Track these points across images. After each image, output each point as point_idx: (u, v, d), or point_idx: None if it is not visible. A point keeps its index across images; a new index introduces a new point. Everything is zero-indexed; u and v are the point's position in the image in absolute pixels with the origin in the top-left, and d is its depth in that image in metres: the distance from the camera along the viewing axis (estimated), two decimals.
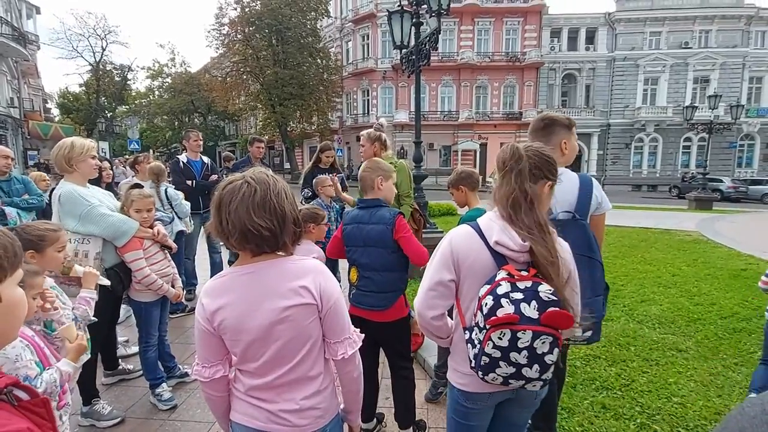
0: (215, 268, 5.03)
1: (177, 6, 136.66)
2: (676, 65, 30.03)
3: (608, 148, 31.12)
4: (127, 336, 3.83)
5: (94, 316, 2.21)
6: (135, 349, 3.37)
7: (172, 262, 3.03)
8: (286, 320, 1.18)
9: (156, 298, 2.89)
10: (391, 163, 3.50)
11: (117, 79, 40.93)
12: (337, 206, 4.16)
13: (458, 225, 2.67)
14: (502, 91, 31.18)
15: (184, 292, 3.57)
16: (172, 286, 2.96)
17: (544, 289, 1.21)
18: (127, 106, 45.03)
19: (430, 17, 5.51)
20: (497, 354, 1.21)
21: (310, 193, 4.33)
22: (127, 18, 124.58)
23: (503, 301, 1.19)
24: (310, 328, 1.23)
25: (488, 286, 1.25)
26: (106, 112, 39.84)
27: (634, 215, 11.59)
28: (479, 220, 1.40)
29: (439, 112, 30.93)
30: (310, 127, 30.35)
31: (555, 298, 1.20)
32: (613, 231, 8.45)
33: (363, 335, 1.37)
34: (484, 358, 1.23)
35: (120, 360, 3.33)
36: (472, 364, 1.29)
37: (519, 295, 1.20)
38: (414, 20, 5.59)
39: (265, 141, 5.77)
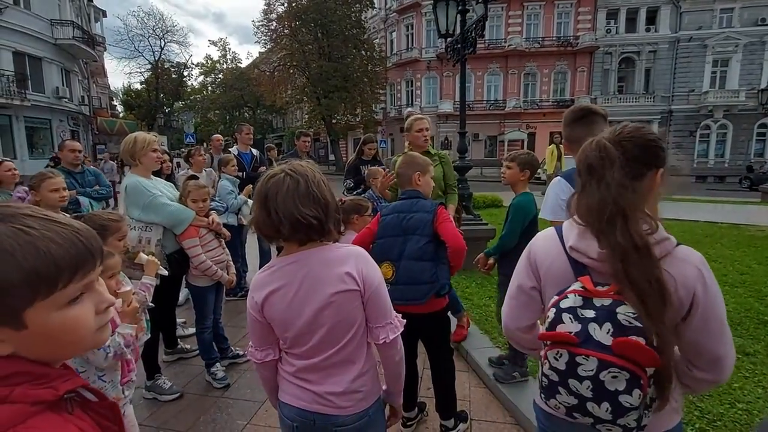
0: (264, 255, 5.24)
1: (231, 1, 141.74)
2: (751, 44, 27.26)
3: (670, 136, 29.00)
4: (184, 318, 4.09)
5: (155, 299, 2.39)
6: (192, 330, 3.60)
7: (227, 249, 3.20)
8: (331, 306, 1.23)
9: (211, 283, 3.06)
10: (436, 154, 3.51)
11: (174, 76, 43.28)
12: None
13: (510, 209, 2.66)
14: (552, 78, 29.87)
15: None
16: (227, 273, 3.12)
17: (625, 311, 0.95)
18: (183, 102, 47.53)
19: (476, 4, 5.37)
20: (555, 377, 1.01)
21: (352, 184, 4.40)
22: (183, 16, 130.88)
23: (565, 316, 1.00)
24: (354, 314, 1.28)
25: (556, 297, 1.06)
26: (165, 107, 42.32)
27: (697, 208, 10.76)
28: (565, 222, 1.19)
29: (485, 102, 30.14)
30: (354, 119, 30.62)
31: (639, 324, 0.94)
32: (673, 225, 7.91)
33: (405, 321, 1.39)
34: (543, 378, 1.06)
35: (179, 340, 3.58)
36: (539, 386, 1.10)
37: (591, 313, 0.98)
38: (460, 8, 5.47)
39: (311, 135, 5.91)
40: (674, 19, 28.31)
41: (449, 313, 2.48)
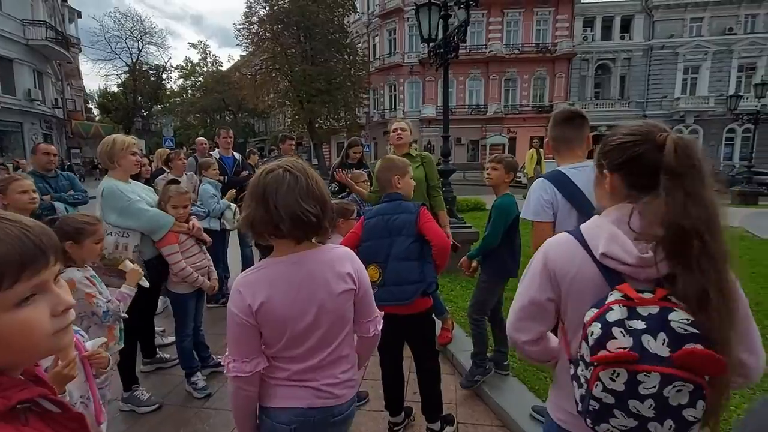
0: (246, 261, 5.16)
1: (209, 4, 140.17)
2: (719, 52, 28.42)
3: None
4: (163, 326, 3.98)
5: (133, 307, 2.31)
6: (171, 338, 3.50)
7: (208, 255, 3.13)
8: (333, 306, 1.26)
9: (192, 290, 2.98)
10: (417, 155, 3.52)
11: (152, 79, 42.45)
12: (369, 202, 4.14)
13: (492, 210, 2.68)
14: (531, 84, 30.46)
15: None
16: (208, 279, 3.05)
17: (678, 318, 0.88)
18: (162, 105, 46.62)
19: (458, 9, 5.43)
20: (610, 400, 0.90)
21: (337, 188, 4.37)
22: (160, 17, 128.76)
23: (616, 330, 0.90)
24: (349, 312, 1.33)
25: (596, 311, 0.95)
26: (143, 111, 41.47)
27: None
28: (582, 227, 1.10)
29: (466, 107, 30.52)
30: (338, 123, 30.55)
31: (695, 330, 0.86)
32: None
33: (383, 312, 1.48)
34: (592, 402, 0.93)
35: (157, 349, 3.48)
36: (579, 408, 1.00)
37: (640, 324, 0.89)
38: (442, 13, 5.52)
39: (295, 138, 5.87)
40: (647, 28, 29.29)
41: (433, 315, 2.49)
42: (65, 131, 27.33)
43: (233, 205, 4.52)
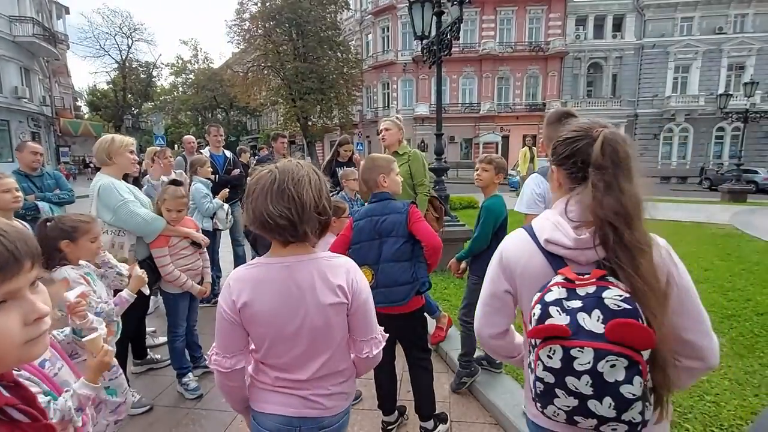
0: (239, 260, 5.13)
1: (199, 1, 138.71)
2: (709, 52, 28.70)
3: (635, 139, 30.09)
4: (154, 327, 3.93)
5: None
6: (163, 339, 3.46)
7: (206, 254, 3.10)
8: (319, 318, 1.19)
9: (184, 290, 2.95)
10: (405, 153, 3.52)
11: (142, 76, 42.00)
12: (360, 200, 4.14)
13: (482, 211, 2.68)
14: (524, 82, 30.55)
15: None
16: (202, 280, 3.02)
17: (612, 295, 0.91)
18: (153, 103, 46.15)
19: (452, 6, 5.42)
20: (551, 379, 0.93)
21: (328, 186, 4.34)
22: (150, 15, 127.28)
23: (552, 309, 0.94)
24: (340, 326, 1.25)
25: (539, 294, 1.00)
26: (133, 108, 41.02)
27: (662, 207, 11.11)
28: (533, 221, 1.14)
29: (460, 105, 30.55)
30: (331, 122, 30.44)
31: (628, 306, 0.89)
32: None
33: (387, 335, 1.37)
34: (538, 384, 0.97)
35: (148, 350, 3.44)
36: (533, 394, 1.02)
37: (577, 303, 0.92)
38: (435, 9, 5.51)
39: (288, 136, 5.82)
40: (639, 27, 29.49)
41: (426, 314, 2.48)
42: (53, 129, 26.95)
43: (226, 205, 4.47)
